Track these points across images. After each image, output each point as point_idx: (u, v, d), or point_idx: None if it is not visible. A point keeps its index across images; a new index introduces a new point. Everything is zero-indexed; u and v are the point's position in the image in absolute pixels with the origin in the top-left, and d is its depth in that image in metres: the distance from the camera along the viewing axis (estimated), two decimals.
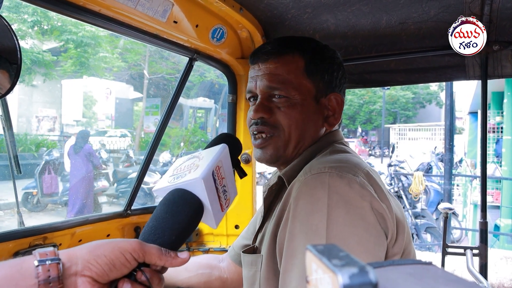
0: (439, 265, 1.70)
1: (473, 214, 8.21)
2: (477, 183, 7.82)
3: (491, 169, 8.56)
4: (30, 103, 17.79)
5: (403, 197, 7.89)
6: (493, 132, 9.74)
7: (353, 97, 29.96)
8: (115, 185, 10.23)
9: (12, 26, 1.01)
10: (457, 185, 10.63)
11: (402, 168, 9.33)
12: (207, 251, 2.06)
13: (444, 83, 9.99)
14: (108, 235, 1.71)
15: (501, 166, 8.74)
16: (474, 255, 1.91)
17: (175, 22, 1.49)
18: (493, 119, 9.72)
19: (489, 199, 8.35)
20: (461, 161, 12.51)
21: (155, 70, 18.03)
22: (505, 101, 8.29)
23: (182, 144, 16.86)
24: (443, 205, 2.23)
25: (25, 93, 17.01)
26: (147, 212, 1.87)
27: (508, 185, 7.60)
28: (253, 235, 1.44)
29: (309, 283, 0.35)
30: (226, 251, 1.75)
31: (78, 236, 1.55)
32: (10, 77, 1.02)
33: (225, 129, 2.08)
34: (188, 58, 1.77)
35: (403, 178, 8.33)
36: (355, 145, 25.43)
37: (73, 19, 1.34)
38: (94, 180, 9.08)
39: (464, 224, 8.76)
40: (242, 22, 1.71)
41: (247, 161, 2.01)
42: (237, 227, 2.06)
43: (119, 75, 19.30)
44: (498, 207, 8.05)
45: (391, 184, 8.25)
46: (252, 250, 1.22)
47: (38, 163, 9.36)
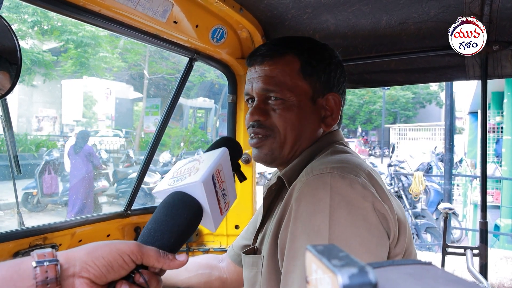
0: (439, 265, 1.70)
1: (473, 214, 8.21)
2: (477, 183, 7.82)
3: (491, 169, 8.56)
4: (30, 103, 17.79)
5: (403, 197, 7.89)
6: (493, 132, 9.75)
7: (353, 97, 29.96)
8: (115, 185, 10.23)
9: (12, 26, 1.01)
10: (457, 185, 10.63)
11: (402, 168, 9.33)
12: (207, 251, 2.06)
13: (444, 83, 9.99)
14: (108, 235, 1.71)
15: (501, 166, 8.73)
16: (474, 255, 1.91)
17: (175, 22, 1.49)
18: (493, 119, 9.72)
19: (489, 199, 8.36)
20: (461, 161, 12.51)
21: (155, 70, 18.03)
22: (505, 101, 8.29)
23: (182, 144, 16.86)
24: (443, 205, 2.23)
25: (25, 93, 17.01)
26: (147, 212, 1.87)
27: (508, 185, 7.60)
28: (252, 235, 1.44)
29: (309, 283, 0.35)
30: (226, 251, 1.75)
31: (78, 236, 1.55)
32: (10, 77, 1.02)
33: (225, 129, 2.08)
34: (188, 58, 1.77)
35: (403, 178, 8.33)
36: (355, 145, 25.44)
37: (73, 20, 1.34)
38: (94, 180, 9.08)
39: (464, 224, 8.76)
40: (242, 22, 1.71)
41: (247, 161, 2.01)
42: (237, 227, 2.06)
43: (119, 75, 19.30)
44: (498, 207, 8.06)
45: (391, 184, 8.25)
46: (252, 250, 1.21)
47: (38, 163, 9.36)
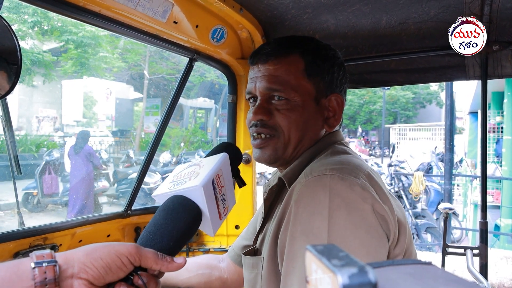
0: (439, 265, 1.70)
1: (473, 214, 8.20)
2: (477, 183, 7.81)
3: (491, 169, 8.56)
4: (30, 103, 17.79)
5: (403, 197, 7.89)
6: (493, 132, 9.75)
7: (353, 97, 29.94)
8: (115, 185, 10.24)
9: (12, 26, 1.01)
10: (458, 185, 10.63)
11: (402, 168, 9.34)
12: (208, 251, 2.06)
13: (444, 83, 9.98)
14: (108, 236, 1.71)
15: (501, 166, 8.73)
16: (474, 255, 1.91)
17: (175, 22, 1.49)
18: (493, 119, 9.73)
19: (489, 199, 8.35)
20: (461, 161, 12.51)
21: (155, 70, 18.01)
22: (505, 101, 8.29)
23: (182, 144, 16.86)
24: (443, 205, 2.23)
25: (25, 93, 17.00)
26: (148, 212, 1.87)
27: (508, 185, 7.59)
28: (252, 235, 1.43)
29: (309, 283, 0.35)
30: (226, 251, 1.75)
31: (78, 236, 1.55)
32: (10, 78, 1.02)
33: (225, 129, 2.08)
34: (188, 58, 1.77)
35: (403, 178, 8.34)
36: (355, 145, 25.43)
37: (73, 20, 1.34)
38: (94, 180, 9.09)
39: (464, 224, 8.76)
40: (242, 22, 1.71)
41: (247, 161, 2.01)
42: (237, 227, 2.06)
43: (119, 76, 19.28)
44: (498, 207, 8.06)
45: (391, 184, 8.25)
46: (252, 251, 1.21)
47: (38, 163, 9.36)
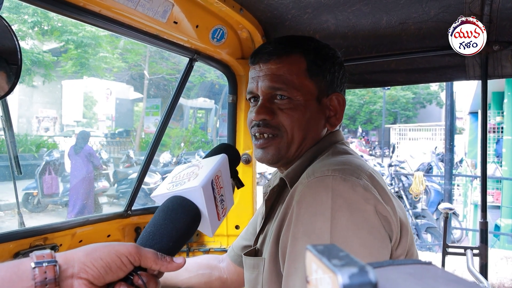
0: (440, 265, 1.70)
1: (473, 214, 8.20)
2: (478, 183, 7.81)
3: (491, 169, 8.56)
4: (30, 103, 17.78)
5: (404, 197, 7.89)
6: (494, 132, 9.74)
7: (354, 97, 29.92)
8: (116, 185, 10.24)
9: (12, 26, 1.01)
10: (458, 185, 10.62)
11: (402, 168, 9.34)
12: (208, 251, 2.06)
13: (444, 83, 9.98)
14: (108, 236, 1.71)
15: (501, 166, 8.73)
16: (474, 255, 1.91)
17: (175, 22, 1.49)
18: (493, 119, 9.73)
19: (489, 199, 8.35)
20: (461, 161, 12.51)
21: (155, 70, 18.02)
22: (505, 101, 8.29)
23: (182, 144, 16.86)
24: (443, 205, 2.23)
25: (25, 93, 17.00)
26: (148, 212, 1.87)
27: (508, 185, 7.59)
28: (252, 235, 1.43)
29: (309, 283, 0.35)
30: (226, 251, 1.75)
31: (78, 236, 1.55)
32: (9, 78, 1.02)
33: (226, 130, 2.08)
34: (188, 58, 1.77)
35: (403, 178, 8.34)
36: (355, 145, 25.43)
37: (73, 20, 1.34)
38: (94, 180, 9.09)
39: (464, 224, 8.76)
40: (242, 22, 1.71)
41: (248, 161, 2.01)
42: (237, 227, 2.06)
43: (120, 76, 19.28)
44: (498, 207, 8.05)
45: (391, 184, 8.26)
46: (253, 252, 1.20)
47: (38, 163, 9.36)
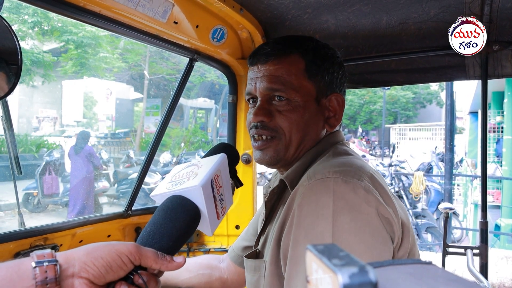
0: (440, 264, 1.70)
1: (473, 214, 8.20)
2: (478, 183, 7.81)
3: (491, 169, 8.55)
4: (30, 103, 17.79)
5: (404, 197, 7.89)
6: (494, 132, 9.74)
7: (354, 97, 29.91)
8: (116, 185, 10.24)
9: (12, 26, 1.01)
10: (458, 185, 10.62)
11: (402, 168, 9.34)
12: (208, 251, 2.06)
13: (444, 83, 9.98)
14: (109, 236, 1.71)
15: (501, 166, 8.73)
16: (474, 255, 1.91)
17: (176, 22, 1.49)
18: (493, 119, 9.73)
19: (489, 199, 8.34)
20: (461, 161, 12.50)
21: (155, 70, 18.02)
22: (505, 100, 8.29)
23: (182, 144, 16.86)
24: (443, 205, 2.23)
25: (25, 93, 17.00)
26: (148, 212, 1.87)
27: (508, 185, 7.59)
28: (253, 236, 1.43)
29: (309, 282, 0.35)
30: (226, 251, 1.75)
31: (78, 236, 1.55)
32: (9, 78, 1.02)
33: (226, 130, 2.08)
34: (188, 58, 1.77)
35: (403, 178, 8.34)
36: (355, 145, 25.41)
37: (74, 20, 1.34)
38: (94, 180, 9.08)
39: (464, 224, 8.75)
40: (242, 22, 1.71)
41: (248, 161, 2.01)
42: (237, 227, 2.06)
43: (120, 76, 19.29)
44: (498, 207, 8.05)
45: (391, 184, 8.25)
46: (254, 254, 1.20)
47: (38, 163, 9.36)
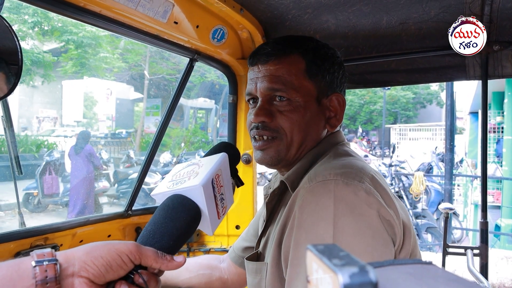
0: (440, 265, 1.70)
1: (473, 214, 8.20)
2: (478, 183, 7.81)
3: (491, 169, 8.55)
4: (30, 103, 17.80)
5: (404, 197, 7.89)
6: (494, 132, 9.74)
7: (354, 97, 29.90)
8: (116, 185, 10.24)
9: (12, 26, 1.01)
10: (458, 185, 10.62)
11: (402, 168, 9.34)
12: (208, 251, 2.06)
13: (444, 83, 9.98)
14: (109, 236, 1.71)
15: (501, 166, 8.74)
16: (474, 255, 1.91)
17: (176, 22, 1.49)
18: (493, 119, 9.73)
19: (489, 199, 8.34)
20: (461, 161, 12.50)
21: (155, 70, 18.02)
22: (505, 101, 8.30)
23: (182, 144, 16.86)
24: (443, 205, 2.23)
25: (25, 94, 17.01)
26: (148, 212, 1.87)
27: (508, 185, 7.59)
28: (253, 237, 1.43)
29: (309, 282, 0.35)
30: (227, 251, 1.75)
31: (79, 236, 1.55)
32: (9, 79, 1.02)
33: (226, 130, 2.08)
34: (188, 58, 1.77)
35: (403, 178, 8.34)
36: (357, 145, 25.40)
37: (74, 20, 1.34)
38: (94, 180, 9.08)
39: (464, 224, 8.75)
40: (242, 22, 1.71)
41: (248, 161, 2.01)
42: (237, 227, 2.06)
43: (120, 76, 19.30)
44: (498, 207, 8.05)
45: (391, 184, 8.25)
46: (255, 256, 1.19)
47: (39, 163, 9.35)
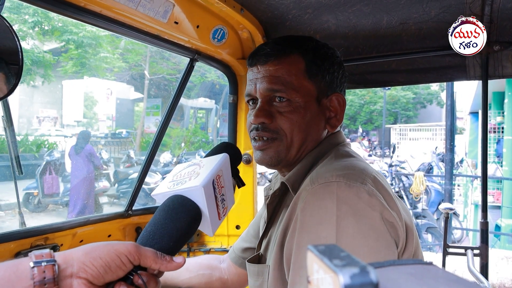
0: (440, 265, 1.70)
1: (474, 214, 8.20)
2: (478, 183, 7.81)
3: (492, 169, 8.55)
4: (31, 103, 17.80)
5: (404, 197, 7.89)
6: (494, 132, 9.75)
7: (354, 97, 29.89)
8: (116, 185, 10.24)
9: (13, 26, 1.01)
10: (458, 185, 10.61)
11: (403, 168, 9.34)
12: (208, 251, 2.06)
13: (445, 83, 9.98)
14: (109, 236, 1.71)
15: (502, 166, 8.73)
16: (475, 255, 1.91)
17: (176, 22, 1.49)
18: (494, 119, 9.73)
19: (490, 199, 8.34)
20: (462, 161, 12.50)
21: (156, 70, 18.03)
22: (506, 101, 8.29)
23: (183, 144, 16.86)
24: (444, 205, 2.24)
25: (26, 93, 17.02)
26: (148, 212, 1.87)
27: (509, 185, 7.59)
28: (253, 238, 1.43)
29: (310, 283, 0.35)
30: (227, 251, 1.75)
31: (79, 236, 1.55)
32: (9, 79, 1.02)
33: (226, 130, 2.08)
34: (189, 58, 1.77)
35: (404, 178, 8.34)
36: (359, 145, 25.37)
37: (74, 20, 1.34)
38: (95, 180, 9.08)
39: (465, 224, 8.75)
40: (243, 22, 1.71)
41: (248, 161, 2.01)
42: (238, 227, 2.06)
43: (120, 76, 19.31)
44: (499, 207, 8.05)
45: (392, 184, 8.25)
46: (257, 258, 1.19)
47: (39, 163, 9.36)
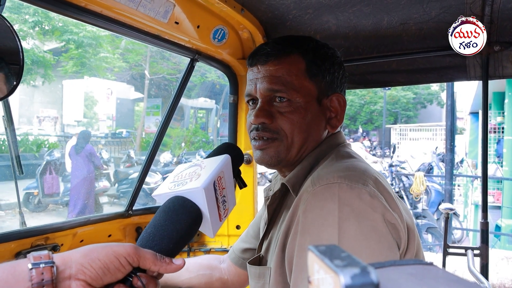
0: (440, 265, 1.70)
1: (474, 214, 8.19)
2: (478, 183, 7.81)
3: (492, 169, 8.55)
4: (31, 103, 17.81)
5: (404, 197, 7.90)
6: (494, 132, 9.75)
7: (354, 97, 29.90)
8: (116, 185, 10.24)
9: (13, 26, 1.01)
10: (458, 186, 10.62)
11: (403, 168, 9.34)
12: (208, 251, 2.06)
13: (445, 83, 9.98)
14: (109, 236, 1.71)
15: (502, 166, 8.73)
16: (475, 255, 1.91)
17: (177, 23, 1.50)
18: (494, 120, 9.73)
19: (490, 199, 8.35)
20: (462, 162, 12.50)
21: (156, 70, 18.03)
22: (506, 101, 8.30)
23: (183, 144, 16.86)
24: (444, 206, 2.23)
25: (26, 93, 17.02)
26: (149, 212, 1.87)
27: (509, 186, 7.59)
28: (253, 238, 1.43)
29: (311, 283, 0.35)
30: (227, 251, 1.75)
31: (79, 236, 1.55)
32: (9, 79, 1.02)
33: (226, 130, 2.08)
34: (189, 58, 1.77)
35: (404, 178, 8.34)
36: (361, 145, 25.35)
37: (74, 20, 1.34)
38: (95, 180, 9.08)
39: (465, 224, 8.74)
40: (243, 22, 1.71)
41: (248, 161, 2.01)
42: (238, 227, 2.06)
43: (120, 76, 19.31)
44: (499, 208, 8.05)
45: (392, 184, 8.25)
46: (258, 260, 1.18)
47: (39, 163, 9.36)
